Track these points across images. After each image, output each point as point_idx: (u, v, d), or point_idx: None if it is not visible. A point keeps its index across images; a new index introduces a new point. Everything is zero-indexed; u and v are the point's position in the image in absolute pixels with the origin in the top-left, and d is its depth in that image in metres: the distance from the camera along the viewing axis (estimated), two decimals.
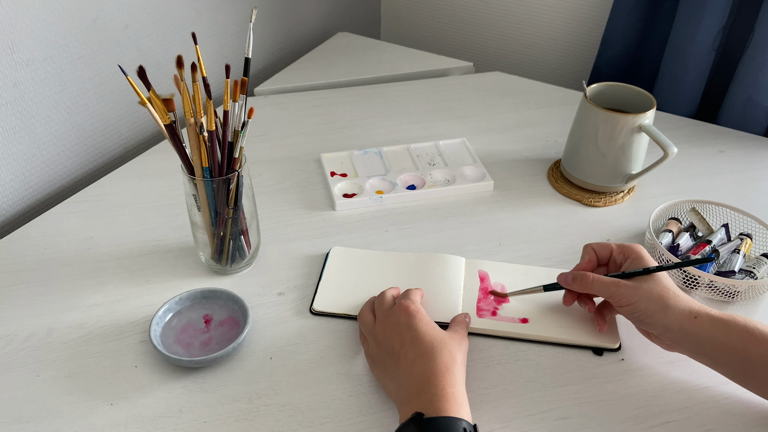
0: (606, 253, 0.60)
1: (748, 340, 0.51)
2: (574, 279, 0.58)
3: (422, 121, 0.99)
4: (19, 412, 0.53)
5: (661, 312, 0.54)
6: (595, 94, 0.81)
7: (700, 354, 0.54)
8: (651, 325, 0.55)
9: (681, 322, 0.53)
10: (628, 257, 0.58)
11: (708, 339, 0.52)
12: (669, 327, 0.54)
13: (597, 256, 0.61)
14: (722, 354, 0.52)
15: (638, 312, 0.55)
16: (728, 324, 0.52)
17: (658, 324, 0.54)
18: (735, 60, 0.99)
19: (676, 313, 0.53)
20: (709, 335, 0.52)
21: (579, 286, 0.58)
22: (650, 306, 0.54)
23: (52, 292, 0.65)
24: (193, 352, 0.57)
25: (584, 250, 0.61)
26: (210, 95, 0.56)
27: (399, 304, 0.56)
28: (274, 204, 0.79)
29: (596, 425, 0.53)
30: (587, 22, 1.25)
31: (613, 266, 0.60)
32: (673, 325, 0.53)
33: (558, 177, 0.85)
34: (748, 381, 0.53)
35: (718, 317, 0.53)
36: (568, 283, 0.59)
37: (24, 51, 0.74)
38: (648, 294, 0.54)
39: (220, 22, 1.03)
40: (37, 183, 0.82)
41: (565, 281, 0.60)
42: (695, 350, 0.54)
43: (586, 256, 0.61)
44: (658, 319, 0.54)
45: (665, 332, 0.54)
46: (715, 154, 0.91)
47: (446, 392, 0.48)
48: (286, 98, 1.05)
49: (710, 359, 0.54)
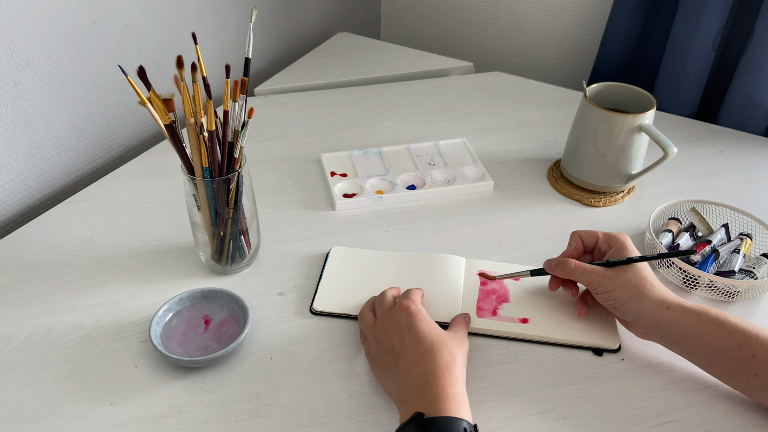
0: (592, 241, 0.62)
1: (717, 331, 0.52)
2: (557, 265, 0.60)
3: (422, 121, 0.99)
4: (19, 412, 0.53)
5: (634, 301, 0.56)
6: (595, 94, 0.81)
7: (671, 343, 0.56)
8: (625, 313, 0.57)
9: (653, 311, 0.55)
10: (612, 246, 0.60)
11: (679, 329, 0.54)
12: (641, 316, 0.56)
13: (583, 244, 0.63)
14: (692, 344, 0.54)
15: (613, 300, 0.57)
16: (699, 315, 0.54)
17: (631, 312, 0.56)
18: (735, 60, 0.99)
19: (649, 302, 0.55)
20: (680, 325, 0.54)
21: (561, 272, 0.60)
22: (624, 294, 0.56)
23: (52, 292, 0.65)
24: (193, 352, 0.57)
25: (571, 237, 0.63)
26: (210, 95, 0.56)
27: (400, 304, 0.56)
28: (274, 204, 0.79)
29: (596, 425, 0.53)
30: (587, 22, 1.25)
31: (598, 254, 0.62)
32: (645, 314, 0.55)
33: (558, 177, 0.85)
34: (716, 371, 0.54)
35: (690, 308, 0.54)
36: (552, 268, 0.61)
37: (24, 51, 0.74)
38: (624, 283, 0.56)
39: (220, 22, 1.03)
40: (37, 183, 0.82)
41: (549, 267, 0.62)
42: (667, 339, 0.56)
43: (573, 243, 0.63)
44: (631, 307, 0.56)
45: (638, 320, 0.56)
46: (715, 154, 0.91)
47: (447, 392, 0.48)
48: (286, 98, 1.05)
49: (681, 348, 0.55)
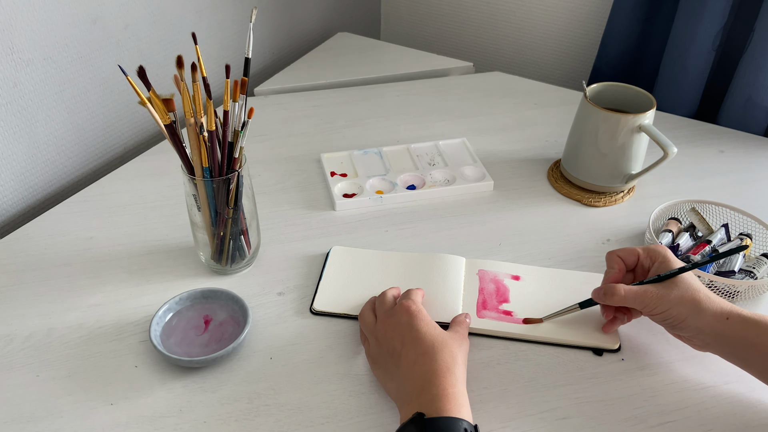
0: (633, 259, 0.59)
1: None
2: (605, 294, 0.57)
3: (422, 121, 0.99)
4: (19, 412, 0.53)
5: (694, 316, 0.53)
6: (595, 94, 0.81)
7: (731, 355, 0.54)
8: (684, 329, 0.54)
9: (713, 324, 0.53)
10: (654, 260, 0.57)
11: (740, 340, 0.52)
12: (702, 330, 0.53)
13: (624, 263, 0.59)
14: (753, 355, 0.52)
15: (671, 318, 0.54)
16: (760, 325, 0.52)
17: (691, 328, 0.54)
18: (735, 60, 0.99)
19: (708, 315, 0.53)
20: (740, 336, 0.52)
21: (612, 301, 0.57)
22: (683, 311, 0.54)
23: (52, 292, 0.65)
24: (193, 352, 0.57)
25: (609, 259, 0.60)
26: (210, 95, 0.56)
27: (400, 304, 0.56)
28: (274, 204, 0.79)
29: (596, 425, 0.53)
30: (587, 22, 1.25)
31: (641, 271, 0.59)
32: (706, 328, 0.53)
33: (558, 177, 0.85)
34: None
35: (750, 318, 0.52)
36: (601, 297, 0.58)
37: (24, 51, 0.74)
38: (680, 299, 0.54)
39: (220, 22, 1.03)
40: (37, 183, 0.82)
41: (598, 297, 0.58)
42: (727, 351, 0.54)
43: (615, 265, 0.59)
44: (690, 323, 0.53)
45: (698, 335, 0.54)
46: (715, 154, 0.91)
47: (447, 392, 0.48)
48: (286, 98, 1.05)
49: (741, 360, 0.53)
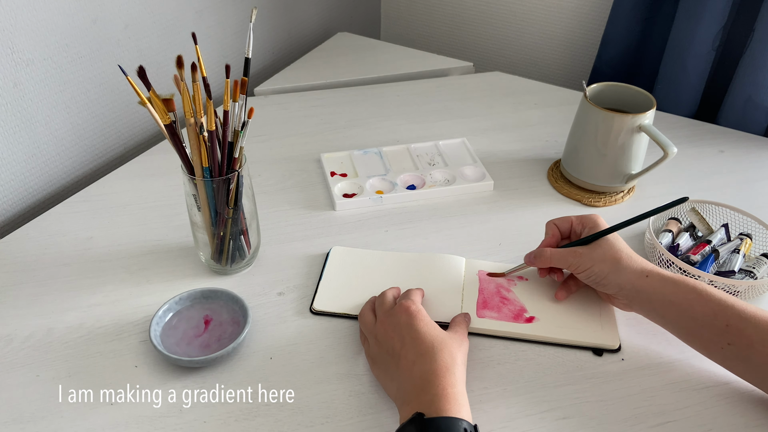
0: (567, 226, 0.64)
1: (694, 299, 0.53)
2: (536, 257, 0.62)
3: (422, 121, 0.99)
4: (19, 412, 0.53)
5: (614, 272, 0.57)
6: (595, 94, 0.81)
7: (651, 312, 0.57)
8: (606, 285, 0.58)
9: (633, 281, 0.56)
10: (585, 226, 0.62)
11: (658, 297, 0.55)
12: (622, 286, 0.57)
13: (559, 231, 0.64)
14: (670, 312, 0.55)
15: (594, 275, 0.58)
16: (677, 283, 0.55)
17: (613, 284, 0.58)
18: (735, 60, 0.99)
19: (629, 272, 0.57)
20: (659, 293, 0.55)
21: (540, 263, 0.62)
22: (604, 268, 0.58)
23: (52, 292, 0.65)
24: (193, 352, 0.57)
25: (547, 227, 0.65)
26: (210, 95, 0.56)
27: (400, 304, 0.56)
28: (274, 204, 0.79)
29: (596, 425, 0.53)
30: (587, 22, 1.25)
31: (575, 237, 0.63)
32: (626, 284, 0.57)
33: (558, 177, 0.85)
34: (692, 340, 0.55)
35: (668, 277, 0.56)
36: (532, 261, 0.63)
37: (24, 51, 0.74)
38: (602, 257, 0.58)
39: (220, 22, 1.03)
40: (37, 183, 0.82)
41: (529, 260, 0.63)
42: (647, 308, 0.57)
43: (549, 231, 0.64)
44: (611, 279, 0.57)
45: (619, 291, 0.58)
46: (715, 154, 0.91)
47: (447, 392, 0.48)
48: (286, 98, 1.05)
49: (660, 317, 0.57)
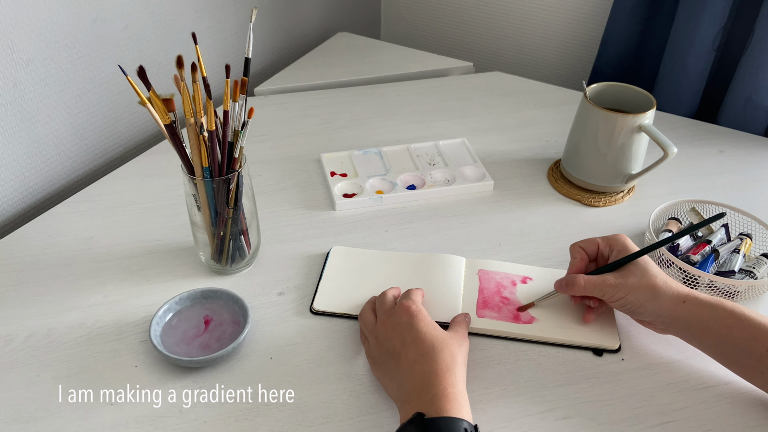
0: (593, 248, 0.61)
1: (733, 324, 0.53)
2: (567, 285, 0.59)
3: (422, 121, 0.99)
4: (19, 412, 0.53)
5: (651, 301, 0.56)
6: (595, 94, 0.81)
7: (689, 336, 0.56)
8: (643, 314, 0.57)
9: (671, 307, 0.55)
10: (613, 248, 0.60)
11: (696, 322, 0.54)
12: (660, 314, 0.56)
13: (586, 253, 0.61)
14: (709, 337, 0.54)
15: (629, 304, 0.57)
16: (715, 308, 0.54)
17: (650, 312, 0.56)
18: (735, 60, 0.99)
19: (666, 299, 0.55)
20: (696, 319, 0.54)
21: (572, 291, 0.59)
22: (640, 296, 0.56)
23: (52, 292, 0.65)
24: (193, 352, 0.57)
25: (572, 250, 0.62)
26: (210, 95, 0.56)
27: (400, 304, 0.56)
28: (274, 204, 0.79)
29: (596, 425, 0.53)
30: (587, 22, 1.25)
31: (602, 260, 0.61)
32: (664, 312, 0.55)
33: (558, 177, 0.85)
34: (732, 365, 0.55)
35: (706, 301, 0.54)
36: (563, 288, 0.60)
37: (24, 51, 0.74)
38: (636, 286, 0.56)
39: (220, 22, 1.03)
40: (37, 183, 0.82)
41: (560, 288, 0.60)
42: (685, 333, 0.56)
43: (576, 255, 0.62)
44: (648, 307, 0.56)
45: (657, 318, 0.56)
46: (715, 154, 0.91)
47: (447, 392, 0.48)
48: (286, 98, 1.05)
49: (698, 342, 0.56)
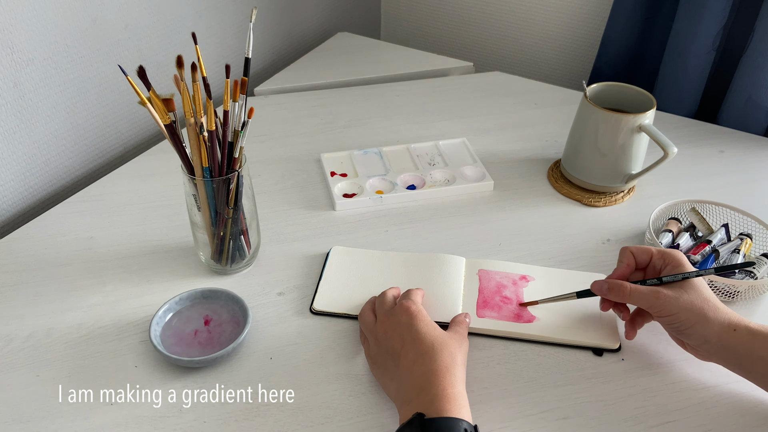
0: (645, 258, 0.58)
1: None
2: (611, 289, 0.56)
3: (422, 121, 0.99)
4: (19, 412, 0.53)
5: (701, 324, 0.52)
6: (595, 94, 0.81)
7: (737, 366, 0.53)
8: (690, 336, 0.54)
9: (720, 334, 0.52)
10: (668, 263, 0.56)
11: (746, 352, 0.51)
12: (708, 339, 0.52)
13: (635, 260, 0.58)
14: (759, 367, 0.52)
15: (678, 323, 0.53)
16: (767, 337, 0.51)
17: (697, 336, 0.53)
18: (735, 60, 0.99)
19: (716, 325, 0.52)
20: (747, 348, 0.51)
21: (615, 297, 0.56)
22: (690, 317, 0.53)
23: (52, 292, 0.65)
24: (193, 352, 0.57)
25: (622, 254, 0.59)
26: (210, 95, 0.56)
27: (400, 304, 0.56)
28: (274, 204, 0.79)
29: (596, 425, 0.53)
30: (587, 22, 1.25)
31: (652, 272, 0.58)
32: (712, 338, 0.52)
33: (558, 177, 0.85)
34: None
35: (757, 330, 0.51)
36: (604, 292, 0.57)
37: (24, 51, 0.74)
38: (689, 305, 0.53)
39: (220, 22, 1.03)
40: (37, 183, 0.82)
41: (600, 290, 0.57)
42: (733, 362, 0.53)
43: (624, 260, 0.58)
44: (697, 330, 0.53)
45: (703, 344, 0.53)
46: (715, 154, 0.91)
47: (447, 393, 0.48)
48: (286, 98, 1.05)
49: (747, 372, 0.53)
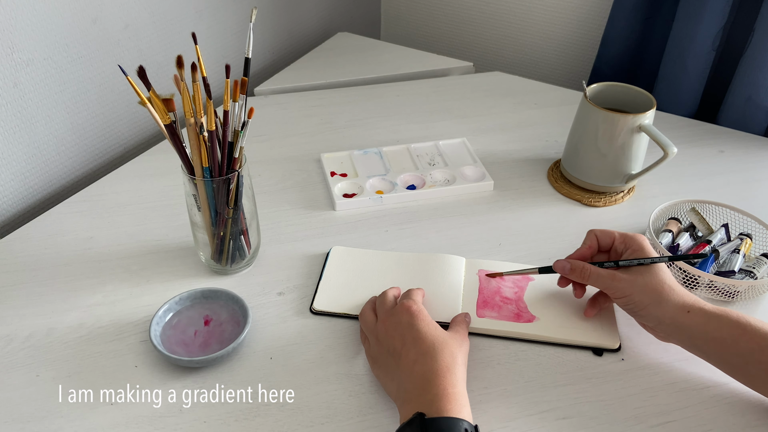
0: (608, 241, 0.61)
1: (739, 335, 0.52)
2: (573, 270, 0.59)
3: (422, 121, 0.99)
4: (19, 412, 0.53)
5: (655, 305, 0.55)
6: (595, 94, 0.81)
7: (692, 346, 0.55)
8: (645, 317, 0.56)
9: (674, 315, 0.54)
10: (629, 247, 0.59)
11: (700, 333, 0.53)
12: (662, 320, 0.55)
13: (599, 243, 0.61)
14: (714, 348, 0.53)
15: (632, 304, 0.56)
16: (721, 318, 0.53)
17: (652, 316, 0.55)
18: (735, 60, 0.99)
19: (670, 306, 0.54)
20: (701, 329, 0.53)
21: (577, 277, 0.59)
22: (644, 299, 0.55)
23: (52, 292, 0.65)
24: (193, 352, 0.57)
25: (587, 236, 0.62)
26: (210, 95, 0.56)
27: (401, 304, 0.56)
28: (274, 204, 0.79)
29: (596, 425, 0.53)
30: (587, 22, 1.25)
31: (614, 255, 0.61)
32: (666, 319, 0.55)
33: (558, 177, 0.85)
34: (738, 374, 0.54)
35: (711, 312, 0.53)
36: (565, 271, 0.60)
37: (24, 51, 0.74)
38: (643, 287, 0.55)
39: (220, 22, 1.03)
40: (37, 183, 0.82)
41: (562, 269, 0.60)
42: (687, 343, 0.55)
43: (588, 241, 0.61)
44: (651, 311, 0.55)
45: (658, 324, 0.56)
46: (715, 154, 0.91)
47: (447, 392, 0.48)
48: (286, 98, 1.05)
49: (702, 352, 0.55)
